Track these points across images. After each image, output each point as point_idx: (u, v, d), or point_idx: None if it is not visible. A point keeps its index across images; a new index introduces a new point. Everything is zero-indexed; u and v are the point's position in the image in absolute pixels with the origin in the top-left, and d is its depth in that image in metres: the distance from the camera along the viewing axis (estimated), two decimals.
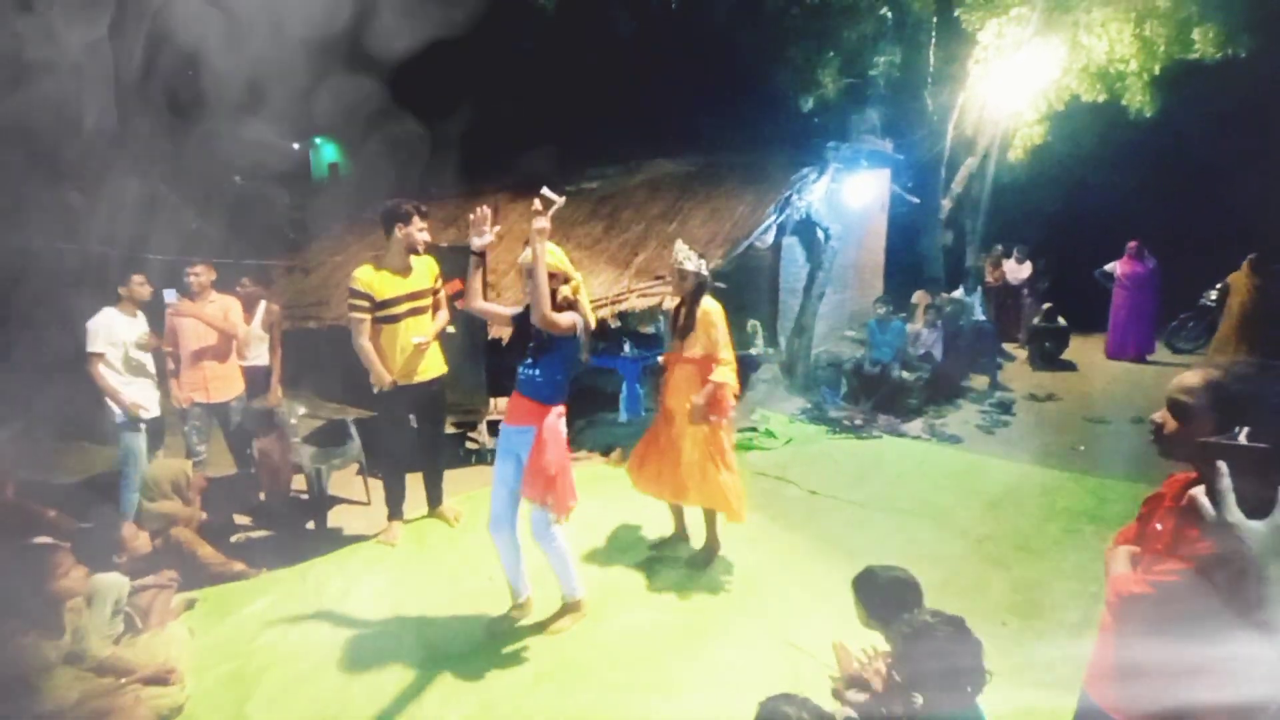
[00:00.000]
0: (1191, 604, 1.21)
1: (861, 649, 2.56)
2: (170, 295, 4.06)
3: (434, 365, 3.65)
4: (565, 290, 2.70)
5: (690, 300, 3.25)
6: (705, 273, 3.26)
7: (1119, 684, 1.42)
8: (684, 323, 3.26)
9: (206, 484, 4.00)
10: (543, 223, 2.56)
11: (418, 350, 3.51)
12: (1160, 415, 1.38)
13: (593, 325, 2.76)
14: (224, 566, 3.55)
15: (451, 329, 3.98)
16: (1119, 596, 1.40)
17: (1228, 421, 1.20)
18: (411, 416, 3.80)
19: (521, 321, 2.79)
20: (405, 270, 3.49)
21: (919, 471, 4.86)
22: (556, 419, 2.75)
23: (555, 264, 2.67)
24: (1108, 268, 8.36)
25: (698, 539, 3.56)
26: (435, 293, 3.63)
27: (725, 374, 3.18)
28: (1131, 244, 8.18)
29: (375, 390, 3.54)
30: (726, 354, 3.22)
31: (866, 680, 2.26)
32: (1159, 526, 1.39)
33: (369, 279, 3.41)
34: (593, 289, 5.85)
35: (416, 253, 3.49)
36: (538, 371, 2.71)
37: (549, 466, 2.67)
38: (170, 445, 4.58)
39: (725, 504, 3.32)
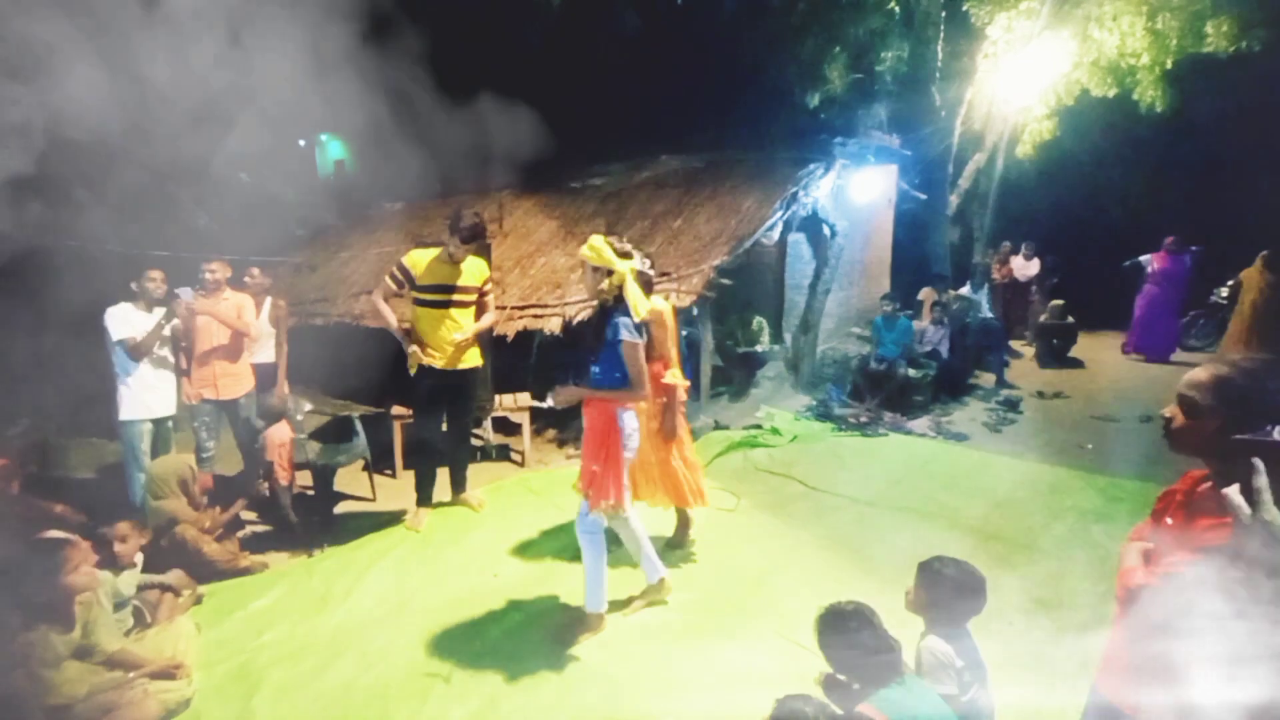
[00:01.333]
0: (1199, 595, 1.20)
1: None
2: (186, 294, 4.09)
3: (471, 356, 3.88)
4: (607, 284, 2.71)
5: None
6: (650, 272, 3.25)
7: (1127, 677, 1.42)
8: None
9: (212, 483, 4.01)
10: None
11: (458, 344, 3.74)
12: (1170, 410, 1.38)
13: (641, 315, 2.71)
14: (231, 563, 3.58)
15: None
16: (1126, 589, 1.39)
17: (1236, 417, 1.19)
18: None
19: (585, 323, 2.90)
20: (456, 265, 3.73)
21: (925, 469, 4.83)
22: (607, 413, 2.76)
23: (595, 258, 2.67)
24: (1142, 259, 7.98)
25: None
26: (483, 293, 3.87)
27: (677, 375, 3.31)
28: (1169, 239, 7.85)
29: (412, 373, 3.75)
30: (673, 352, 3.30)
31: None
32: (1170, 521, 1.39)
33: (414, 259, 3.72)
34: None
35: (454, 261, 3.74)
36: (598, 368, 2.76)
37: (590, 458, 2.78)
38: (179, 442, 4.61)
39: (699, 497, 3.52)
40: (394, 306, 3.86)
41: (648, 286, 3.24)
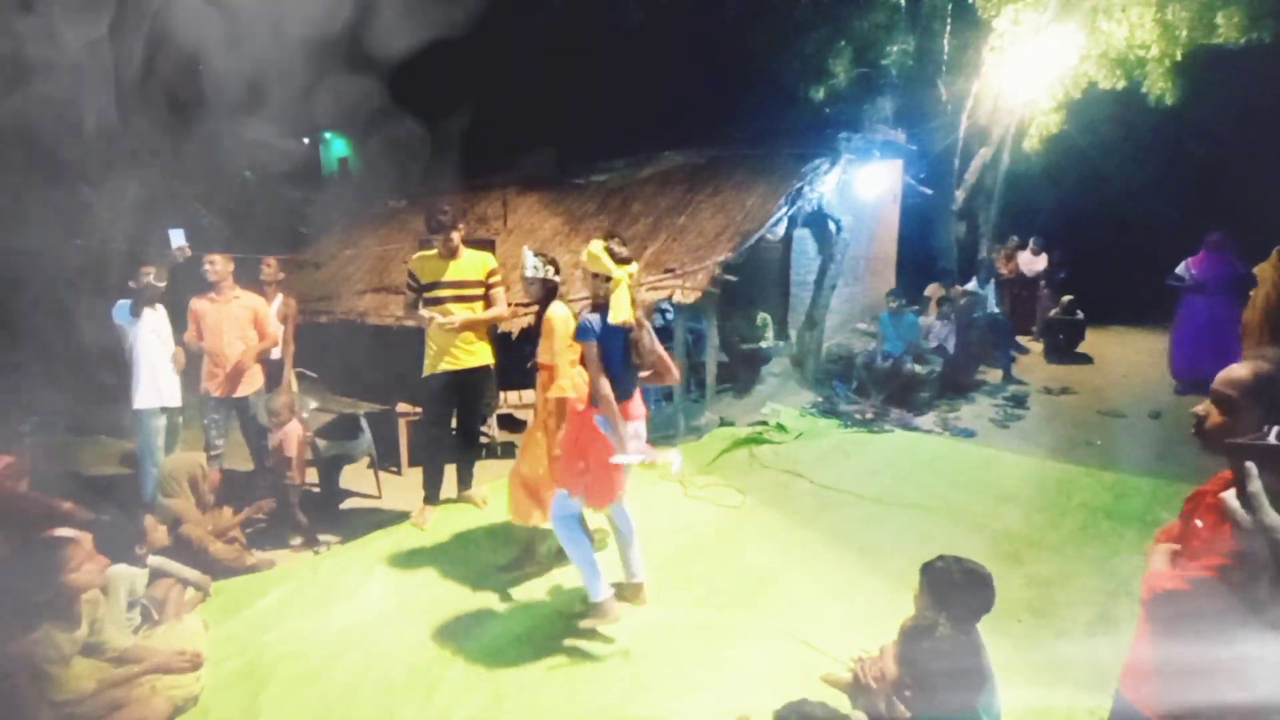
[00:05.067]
0: (1228, 602, 1.18)
1: (861, 651, 2.52)
2: (178, 238, 3.95)
3: (479, 354, 3.87)
4: (604, 289, 2.73)
5: (541, 306, 3.19)
6: (554, 278, 3.15)
7: (1153, 682, 1.39)
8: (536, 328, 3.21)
9: (219, 480, 4.01)
10: None
11: (453, 333, 3.70)
12: (1204, 408, 1.34)
13: (617, 319, 2.67)
14: (237, 561, 3.58)
15: None
16: (1154, 593, 1.36)
17: (1276, 417, 1.16)
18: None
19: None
20: (449, 260, 3.77)
21: (932, 466, 4.81)
22: (588, 413, 2.82)
23: (590, 264, 2.71)
24: (1180, 270, 6.60)
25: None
26: (489, 286, 3.86)
27: (562, 387, 3.00)
28: (1214, 235, 6.48)
29: (428, 323, 3.76)
30: (563, 362, 3.02)
31: (867, 684, 2.25)
32: (1199, 523, 1.36)
33: (416, 263, 3.82)
34: None
35: (443, 256, 3.79)
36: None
37: (576, 455, 2.84)
38: (186, 440, 4.62)
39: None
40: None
41: (551, 294, 3.16)
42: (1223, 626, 1.18)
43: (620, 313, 2.66)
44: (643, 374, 2.86)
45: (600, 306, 2.73)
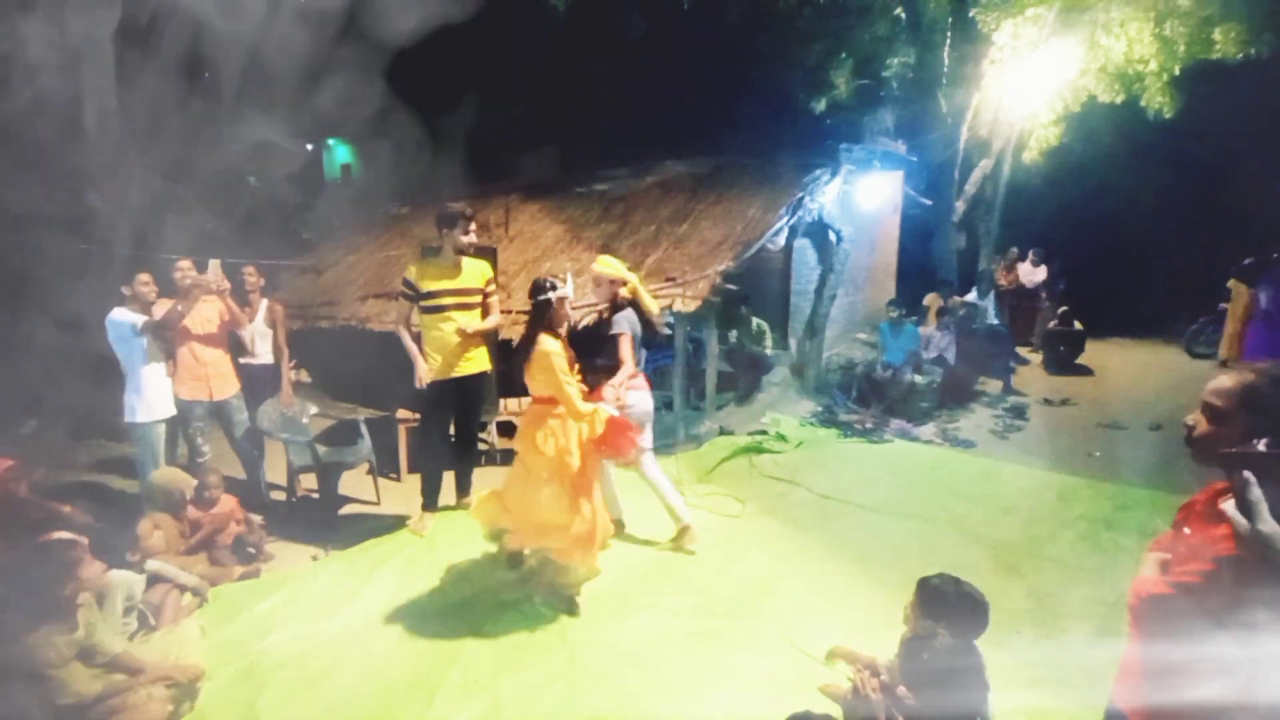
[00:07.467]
0: (1209, 605, 1.19)
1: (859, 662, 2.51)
2: (213, 270, 4.12)
3: (478, 362, 3.88)
4: (624, 292, 3.32)
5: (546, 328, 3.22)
6: (570, 295, 3.15)
7: (1139, 686, 1.41)
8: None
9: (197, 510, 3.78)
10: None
11: (460, 344, 3.74)
12: (1193, 417, 1.36)
13: (656, 311, 3.32)
14: (225, 577, 3.51)
15: None
16: (1139, 599, 1.38)
17: (1262, 426, 1.18)
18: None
19: (591, 326, 3.57)
20: (454, 267, 3.75)
21: (931, 476, 4.81)
22: (616, 384, 3.22)
23: (612, 272, 3.33)
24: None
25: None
26: (486, 294, 3.86)
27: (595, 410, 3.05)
28: None
29: (417, 385, 3.77)
30: (572, 390, 3.00)
31: (866, 695, 2.25)
32: (1187, 531, 1.38)
33: (415, 271, 3.76)
34: None
35: (464, 254, 3.76)
36: (602, 359, 3.36)
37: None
38: (185, 445, 4.60)
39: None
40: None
41: (560, 317, 3.14)
42: (1204, 629, 1.19)
43: (655, 307, 3.36)
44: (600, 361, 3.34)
45: (618, 307, 3.29)
